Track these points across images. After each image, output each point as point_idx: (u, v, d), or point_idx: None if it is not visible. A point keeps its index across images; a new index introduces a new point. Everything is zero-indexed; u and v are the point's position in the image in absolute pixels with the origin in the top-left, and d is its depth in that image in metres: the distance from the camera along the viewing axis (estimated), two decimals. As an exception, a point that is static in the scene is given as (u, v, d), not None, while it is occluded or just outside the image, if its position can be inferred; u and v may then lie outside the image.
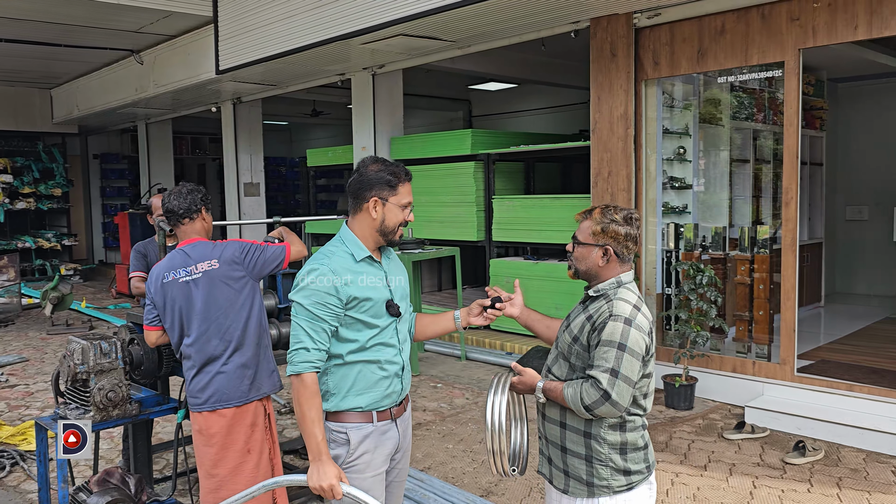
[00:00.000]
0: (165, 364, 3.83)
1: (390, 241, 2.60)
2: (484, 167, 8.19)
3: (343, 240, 2.58)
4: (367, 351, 2.53)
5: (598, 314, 2.36)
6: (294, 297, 2.48)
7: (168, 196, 3.57)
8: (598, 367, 2.28)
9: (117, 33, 9.63)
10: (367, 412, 2.55)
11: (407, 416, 2.73)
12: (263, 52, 8.11)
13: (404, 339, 2.66)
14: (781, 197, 5.61)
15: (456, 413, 5.88)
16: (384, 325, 2.56)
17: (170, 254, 3.49)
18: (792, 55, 5.43)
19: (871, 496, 4.22)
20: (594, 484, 2.38)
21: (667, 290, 6.40)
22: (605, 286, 2.42)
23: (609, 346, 2.28)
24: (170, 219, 3.54)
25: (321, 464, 2.39)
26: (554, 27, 6.76)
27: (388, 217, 2.53)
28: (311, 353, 2.43)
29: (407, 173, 2.58)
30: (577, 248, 2.47)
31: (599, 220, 2.42)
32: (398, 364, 2.60)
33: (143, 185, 14.91)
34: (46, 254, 14.78)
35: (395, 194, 2.52)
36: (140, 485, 3.88)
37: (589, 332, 2.36)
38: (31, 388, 6.90)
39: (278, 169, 19.22)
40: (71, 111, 13.52)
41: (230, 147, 11.77)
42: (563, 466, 2.44)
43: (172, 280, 3.37)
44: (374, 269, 2.58)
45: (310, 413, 2.40)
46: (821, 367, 5.86)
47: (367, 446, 2.55)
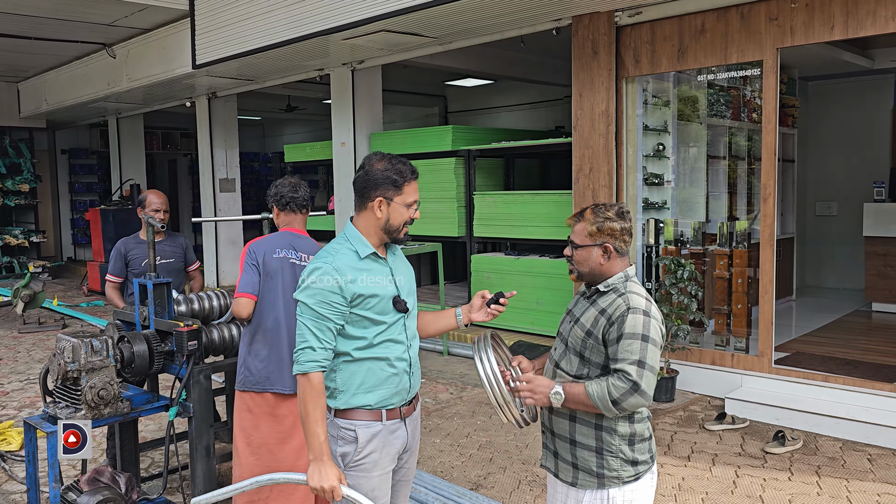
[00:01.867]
0: (157, 361, 3.81)
1: (395, 240, 2.58)
2: (465, 163, 8.23)
3: (347, 237, 2.57)
4: (375, 348, 2.51)
5: (614, 308, 2.36)
6: (298, 296, 2.47)
7: (291, 186, 3.66)
8: (625, 359, 2.29)
9: (89, 26, 9.46)
10: (376, 410, 2.53)
11: (416, 416, 2.70)
12: (241, 47, 8.04)
13: (413, 335, 2.64)
14: (759, 193, 5.73)
15: (441, 408, 5.92)
16: (391, 322, 2.54)
17: (278, 234, 3.63)
18: (770, 54, 5.54)
19: (849, 483, 4.36)
20: (605, 475, 2.40)
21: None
22: (615, 281, 2.44)
23: (633, 338, 2.30)
24: (289, 206, 3.64)
25: (322, 464, 2.38)
26: (536, 24, 6.82)
27: (393, 216, 2.52)
28: (318, 353, 2.42)
29: (413, 171, 2.57)
30: (577, 251, 2.48)
31: (594, 220, 2.44)
32: (407, 361, 2.58)
33: (115, 180, 14.68)
34: (14, 251, 14.50)
35: (400, 194, 2.51)
36: (130, 483, 3.85)
37: (605, 327, 2.36)
38: (5, 388, 6.78)
39: (251, 164, 19.06)
40: (39, 105, 13.25)
41: (205, 142, 11.64)
42: (573, 459, 2.45)
43: (284, 257, 3.53)
44: (380, 265, 2.56)
45: (314, 413, 2.40)
46: (796, 360, 6.01)
47: (374, 445, 2.53)
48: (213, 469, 3.86)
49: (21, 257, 14.46)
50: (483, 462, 4.78)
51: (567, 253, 2.53)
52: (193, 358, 3.73)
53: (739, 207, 7.66)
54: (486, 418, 5.63)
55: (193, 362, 3.73)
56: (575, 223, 2.50)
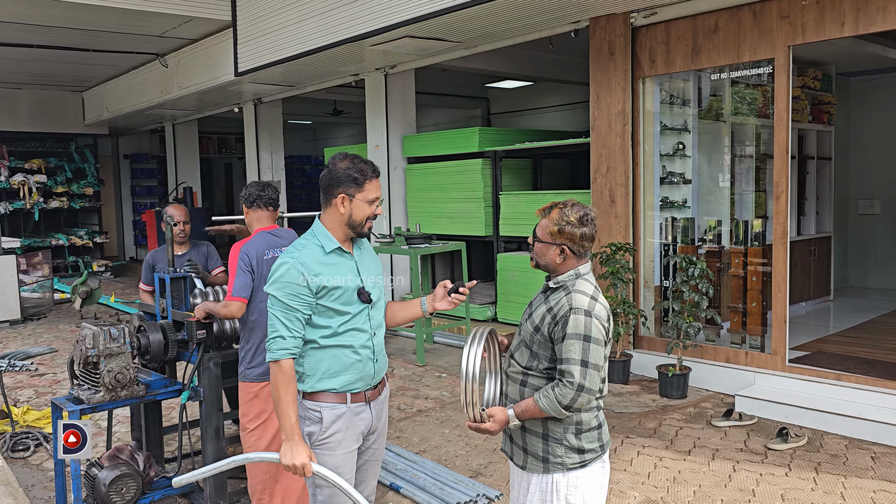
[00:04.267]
0: (171, 349, 4.12)
1: (359, 234, 2.74)
2: (491, 164, 8.39)
3: (314, 233, 2.75)
4: (340, 336, 2.68)
5: (559, 307, 2.48)
6: (268, 289, 2.66)
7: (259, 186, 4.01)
8: (568, 360, 2.41)
9: (143, 38, 10.01)
10: (340, 394, 2.70)
11: (382, 399, 2.86)
12: (279, 55, 8.41)
13: (377, 325, 2.81)
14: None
15: (455, 401, 6.11)
16: (355, 312, 2.70)
17: (260, 235, 3.91)
18: (782, 52, 5.54)
19: (846, 480, 4.35)
20: (549, 461, 2.53)
21: (665, 283, 6.55)
22: (565, 278, 2.55)
23: (575, 338, 2.41)
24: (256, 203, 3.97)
25: (294, 444, 2.56)
26: (555, 27, 6.94)
27: (356, 212, 2.67)
28: (287, 341, 2.60)
29: (374, 170, 2.70)
30: (536, 244, 2.59)
31: (557, 221, 2.52)
32: (371, 349, 2.74)
33: (171, 183, 15.38)
34: (79, 251, 15.34)
35: (361, 191, 2.65)
36: (148, 461, 4.18)
37: (550, 325, 2.49)
38: (58, 377, 7.28)
39: (303, 167, 19.63)
40: (101, 113, 14.02)
41: (252, 146, 12.13)
42: (523, 444, 2.60)
43: (273, 258, 3.77)
44: (345, 259, 2.73)
45: (286, 397, 2.58)
46: (814, 358, 5.97)
47: (339, 426, 2.70)
48: (222, 450, 4.14)
49: (85, 257, 15.29)
50: (486, 452, 4.95)
51: (529, 241, 2.66)
52: (203, 346, 4.03)
53: (759, 206, 7.60)
54: (498, 411, 5.79)
55: (203, 350, 4.03)
56: (542, 217, 2.60)
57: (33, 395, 6.69)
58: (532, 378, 2.56)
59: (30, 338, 9.21)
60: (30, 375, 7.36)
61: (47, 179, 14.76)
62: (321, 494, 2.73)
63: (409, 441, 5.20)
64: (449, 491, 4.26)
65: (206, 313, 3.93)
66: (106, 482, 3.85)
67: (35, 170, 14.67)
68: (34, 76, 13.11)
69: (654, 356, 6.30)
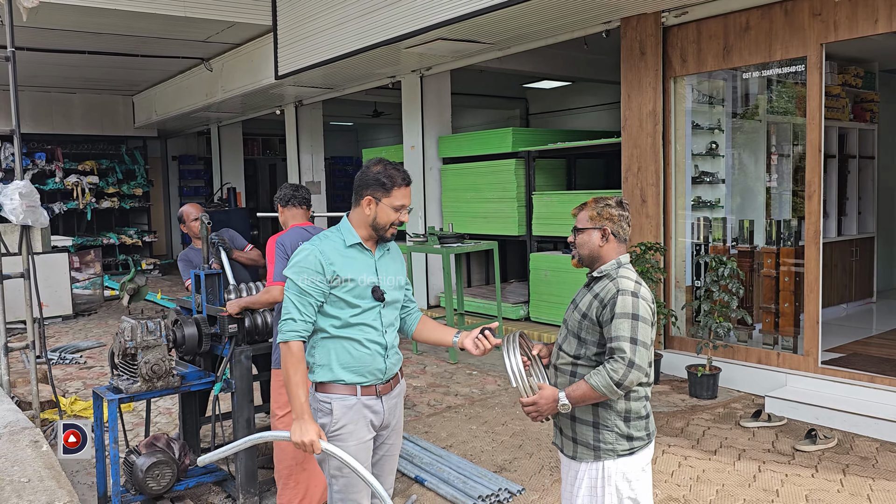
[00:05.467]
0: (205, 342, 4.30)
1: (382, 237, 2.82)
2: (525, 164, 8.45)
3: (340, 227, 2.87)
4: (350, 328, 2.76)
5: (605, 292, 2.57)
6: (287, 272, 2.77)
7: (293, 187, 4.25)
8: (618, 337, 2.49)
9: (188, 43, 10.33)
10: (350, 385, 2.78)
11: (395, 394, 2.91)
12: (318, 58, 8.60)
13: (389, 323, 2.85)
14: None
15: (485, 398, 6.19)
16: (366, 307, 2.78)
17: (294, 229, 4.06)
18: (814, 50, 5.48)
19: (874, 482, 4.30)
20: (600, 448, 2.62)
21: (696, 283, 6.53)
22: (607, 267, 2.65)
23: (623, 317, 2.50)
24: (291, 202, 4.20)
25: (303, 422, 2.65)
26: (586, 28, 6.97)
27: (380, 215, 2.76)
28: (298, 324, 2.70)
29: (405, 179, 2.78)
30: (578, 235, 2.69)
31: (594, 207, 2.68)
32: (381, 345, 2.81)
33: (216, 184, 15.79)
34: (129, 249, 15.86)
35: (388, 196, 2.74)
36: (184, 450, 4.36)
37: (598, 309, 2.57)
38: (105, 370, 7.59)
39: (345, 168, 19.91)
40: (150, 116, 14.48)
41: (293, 147, 12.40)
42: (573, 434, 2.68)
43: None
44: (364, 256, 2.82)
45: (295, 377, 2.68)
46: (848, 360, 5.88)
47: (349, 417, 2.77)
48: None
49: (134, 255, 15.80)
50: (512, 448, 5.03)
51: (570, 240, 2.75)
52: (235, 340, 4.19)
53: (797, 206, 7.49)
54: (526, 409, 5.85)
55: (235, 343, 4.20)
56: (578, 212, 2.74)
57: (81, 386, 6.99)
58: (581, 367, 2.65)
59: (80, 332, 9.60)
60: (79, 368, 7.69)
61: (99, 180, 15.33)
62: (337, 484, 2.82)
63: (436, 436, 5.30)
64: (472, 485, 4.35)
65: (240, 308, 4.10)
66: (143, 468, 4.05)
67: (88, 171, 15.24)
68: (87, 81, 13.63)
69: (685, 356, 6.28)
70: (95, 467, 4.20)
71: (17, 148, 5.05)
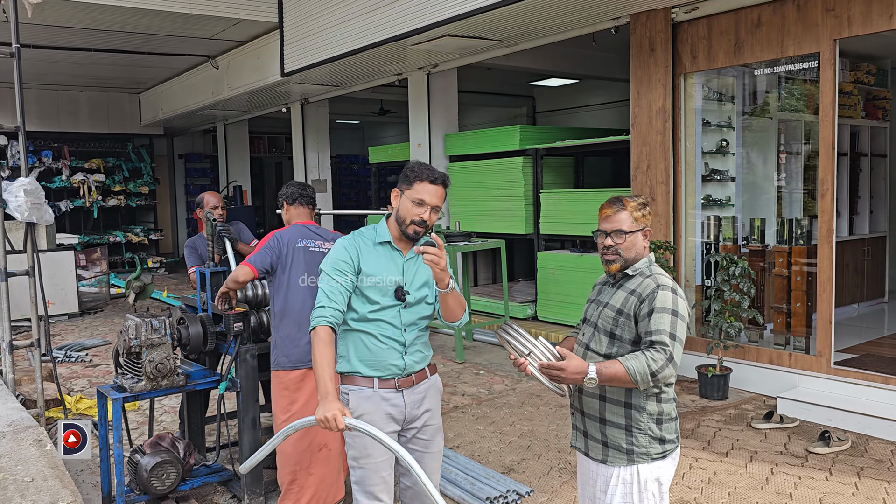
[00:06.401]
0: (210, 341, 4.25)
1: (404, 233, 2.81)
2: (532, 162, 8.38)
3: (377, 225, 2.92)
4: (366, 322, 2.82)
5: (643, 287, 2.50)
6: (322, 265, 2.87)
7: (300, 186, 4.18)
8: (659, 331, 2.41)
9: (194, 40, 10.30)
10: (368, 378, 2.83)
11: (420, 389, 2.90)
12: (324, 55, 8.55)
13: (410, 322, 2.86)
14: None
15: (493, 398, 6.13)
16: (385, 305, 2.81)
17: (296, 226, 4.00)
18: (827, 46, 5.40)
19: (889, 486, 4.23)
20: (634, 451, 2.53)
21: (706, 282, 6.45)
22: (641, 265, 2.58)
23: (664, 312, 2.43)
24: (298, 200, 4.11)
25: (327, 401, 2.60)
26: (595, 24, 6.90)
27: (402, 209, 2.80)
28: (326, 310, 2.75)
29: (430, 175, 2.76)
30: (627, 237, 2.54)
31: (637, 207, 2.57)
32: (399, 342, 2.84)
33: (222, 182, 15.76)
34: (135, 248, 15.85)
35: (410, 188, 2.77)
36: (188, 449, 4.31)
37: (636, 304, 2.49)
38: (111, 368, 7.56)
39: (351, 167, 19.86)
40: (156, 114, 14.45)
41: (299, 145, 12.36)
42: (602, 437, 2.59)
43: (304, 246, 3.90)
44: (393, 254, 2.86)
45: (321, 359, 2.68)
46: (862, 361, 5.80)
47: (366, 408, 2.81)
48: (258, 440, 4.25)
49: (141, 253, 15.79)
50: (520, 449, 4.96)
51: (610, 243, 2.56)
52: (240, 338, 4.15)
53: (809, 204, 7.40)
54: (534, 409, 5.79)
55: (240, 342, 4.15)
56: (615, 212, 2.57)
57: (87, 384, 6.96)
58: None
59: (86, 330, 9.58)
60: (84, 366, 7.66)
61: (106, 178, 15.32)
62: (355, 475, 2.87)
63: (443, 437, 5.24)
64: (480, 486, 4.29)
65: (220, 297, 4.03)
66: (147, 468, 4.00)
67: (94, 169, 15.23)
68: (93, 79, 13.61)
69: (695, 356, 6.20)
70: (100, 467, 4.17)
71: (21, 145, 5.01)
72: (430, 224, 2.83)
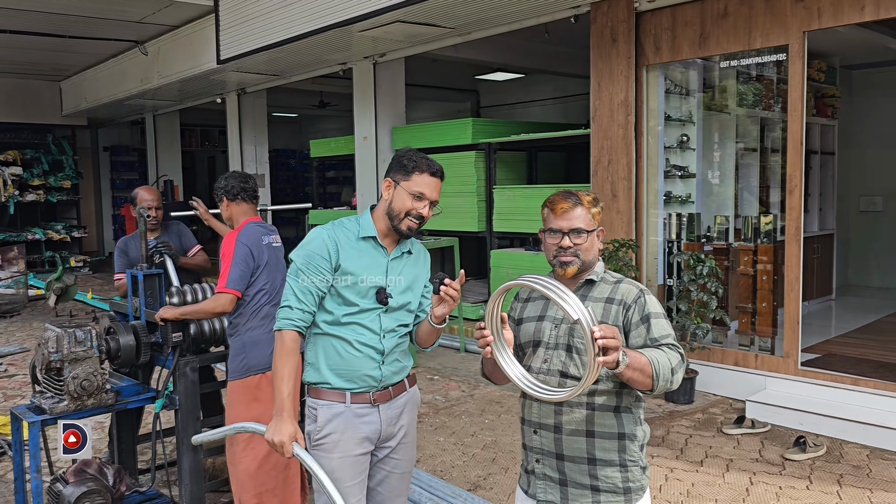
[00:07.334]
0: (144, 353, 3.76)
1: (396, 229, 2.51)
2: (485, 157, 8.06)
3: (358, 217, 2.60)
4: (342, 327, 2.51)
5: (624, 294, 2.18)
6: (292, 255, 2.55)
7: (241, 178, 3.73)
8: (666, 335, 2.13)
9: (121, 24, 9.59)
10: (340, 392, 2.52)
11: (398, 404, 2.61)
12: (263, 41, 8.03)
13: (389, 329, 2.56)
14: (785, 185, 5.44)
15: (450, 406, 5.78)
16: (364, 308, 2.51)
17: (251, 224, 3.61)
18: (796, 38, 5.25)
19: (872, 494, 4.07)
20: (631, 489, 2.18)
21: (668, 282, 6.26)
22: (600, 268, 2.28)
23: (661, 317, 2.16)
24: (240, 196, 3.69)
25: (281, 420, 2.41)
26: (554, 12, 6.61)
27: (396, 200, 2.50)
28: (294, 312, 2.47)
29: (430, 167, 2.51)
30: (588, 237, 2.21)
31: (592, 202, 2.24)
32: (376, 349, 2.53)
33: (151, 177, 14.95)
34: (56, 246, 14.84)
35: (407, 180, 2.49)
36: (119, 475, 3.81)
37: (621, 313, 2.16)
38: (28, 379, 6.87)
39: (288, 161, 19.23)
40: (79, 103, 13.54)
41: (235, 138, 11.74)
42: (592, 482, 2.18)
43: (269, 243, 3.57)
44: (376, 252, 2.55)
45: (282, 370, 2.44)
46: (826, 361, 5.70)
47: (335, 426, 2.51)
48: (199, 462, 3.80)
49: (63, 252, 14.80)
50: (485, 462, 4.64)
51: (569, 243, 2.18)
52: (179, 350, 3.68)
53: (769, 201, 7.33)
54: (495, 417, 5.48)
55: (179, 354, 3.68)
56: (572, 207, 2.20)
57: (1, 398, 6.30)
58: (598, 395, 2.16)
59: (1, 336, 8.79)
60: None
61: (23, 172, 14.24)
62: (320, 501, 2.54)
63: (401, 450, 4.87)
64: (446, 506, 3.94)
65: (177, 317, 3.57)
66: (71, 499, 3.49)
67: (10, 161, 14.13)
68: (8, 64, 12.61)
69: (658, 358, 6.00)
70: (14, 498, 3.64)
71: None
72: (425, 220, 2.53)
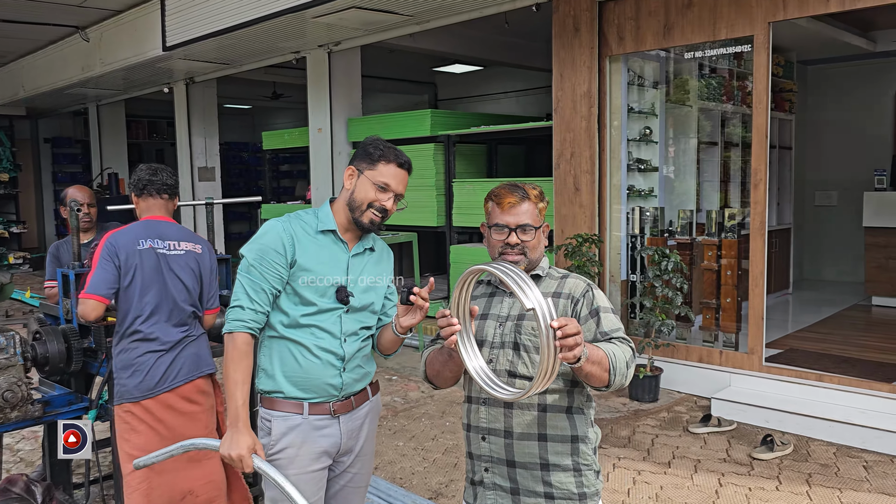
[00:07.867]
0: (75, 360, 3.45)
1: (356, 221, 2.33)
2: (444, 149, 7.84)
3: (317, 209, 2.42)
4: (298, 329, 2.31)
5: (571, 288, 2.09)
6: (243, 250, 2.35)
7: (150, 171, 3.31)
8: (617, 329, 2.04)
9: (60, 7, 9.07)
10: (296, 402, 2.33)
11: (359, 416, 2.44)
12: (212, 27, 7.68)
13: (351, 332, 2.37)
14: (750, 179, 5.35)
15: (409, 408, 5.56)
16: (323, 308, 2.32)
17: (139, 223, 3.23)
18: (761, 29, 5.15)
19: (842, 493, 3.99)
20: (586, 495, 2.06)
21: (632, 277, 6.14)
22: (545, 264, 2.18)
23: (609, 311, 2.08)
24: (146, 190, 3.28)
25: (236, 431, 2.20)
26: (515, 0, 6.42)
27: (358, 190, 2.32)
28: (246, 313, 2.29)
29: (397, 158, 2.34)
30: (535, 233, 2.08)
31: (539, 197, 2.11)
32: (336, 355, 2.34)
33: (95, 169, 14.35)
34: (-7, 242, 14.17)
35: (372, 169, 2.32)
36: (48, 493, 3.48)
37: (570, 307, 2.05)
38: (-43, 384, 6.43)
39: (240, 154, 18.72)
40: (16, 92, 12.87)
41: (183, 130, 11.28)
42: (546, 489, 2.04)
43: (149, 248, 3.12)
44: (336, 247, 2.36)
45: (234, 375, 2.25)
46: (789, 357, 5.64)
47: (290, 440, 2.33)
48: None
49: (0, 248, 14.11)
50: (447, 468, 4.43)
51: (516, 240, 2.05)
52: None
53: (732, 195, 7.28)
54: (456, 419, 5.27)
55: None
56: (519, 201, 2.06)
57: (-75, 406, 5.84)
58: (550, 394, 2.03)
59: (-71, 339, 8.25)
60: (-77, 383, 6.48)
61: (-44, 164, 13.55)
62: None
63: (358, 456, 4.63)
64: (407, 518, 3.73)
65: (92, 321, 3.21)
66: (-7, 522, 3.18)
67: (-58, 153, 13.44)
68: (-62, 50, 11.94)
69: (622, 356, 5.88)
70: (-72, 522, 3.30)
71: None
72: (389, 214, 2.33)
